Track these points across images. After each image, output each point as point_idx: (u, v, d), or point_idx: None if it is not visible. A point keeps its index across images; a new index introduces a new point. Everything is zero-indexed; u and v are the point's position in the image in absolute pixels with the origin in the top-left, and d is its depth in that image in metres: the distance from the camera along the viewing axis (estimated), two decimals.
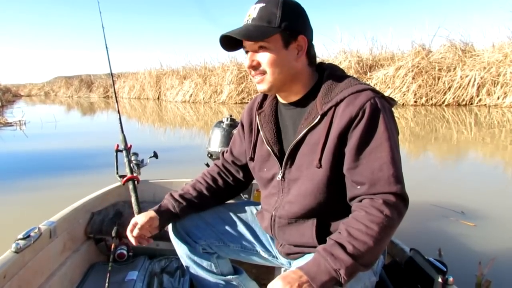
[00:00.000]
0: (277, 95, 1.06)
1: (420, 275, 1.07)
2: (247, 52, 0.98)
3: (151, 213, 1.11)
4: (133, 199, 1.54)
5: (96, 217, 1.64)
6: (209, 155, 1.92)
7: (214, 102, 14.03)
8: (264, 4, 0.93)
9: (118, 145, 1.79)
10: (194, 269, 1.18)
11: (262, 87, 0.98)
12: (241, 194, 1.76)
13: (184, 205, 1.15)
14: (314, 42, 1.01)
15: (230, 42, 0.97)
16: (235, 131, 1.26)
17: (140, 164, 1.77)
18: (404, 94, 10.52)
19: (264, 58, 0.94)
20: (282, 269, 1.17)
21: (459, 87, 10.03)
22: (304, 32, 0.96)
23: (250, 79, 13.67)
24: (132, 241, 1.10)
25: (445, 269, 1.01)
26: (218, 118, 8.80)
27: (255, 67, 0.96)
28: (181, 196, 1.16)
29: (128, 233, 1.10)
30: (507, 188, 3.34)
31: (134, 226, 1.09)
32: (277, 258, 1.16)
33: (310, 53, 0.99)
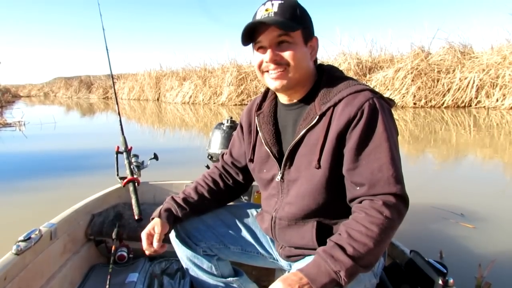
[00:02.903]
0: (278, 96, 1.06)
1: (421, 276, 1.07)
2: (259, 48, 0.96)
3: (161, 222, 1.09)
4: (133, 201, 1.54)
5: (96, 219, 1.64)
6: (210, 157, 1.92)
7: (214, 103, 14.03)
8: (282, 1, 0.94)
9: (118, 147, 1.79)
10: (195, 271, 1.18)
11: (281, 83, 0.95)
12: (241, 196, 1.76)
13: (187, 209, 1.14)
14: None
15: (246, 34, 0.95)
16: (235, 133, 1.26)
17: (140, 166, 1.77)
18: (404, 96, 10.54)
19: (288, 52, 0.93)
20: (282, 271, 1.17)
21: (458, 89, 10.06)
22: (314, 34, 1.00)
23: (250, 80, 13.72)
24: (149, 252, 1.08)
25: (445, 271, 1.01)
26: (217, 119, 8.82)
27: (278, 61, 0.94)
28: (183, 200, 1.16)
29: (145, 243, 1.07)
30: (506, 190, 3.34)
31: (151, 236, 1.07)
32: (277, 260, 1.16)
33: (316, 56, 1.02)
